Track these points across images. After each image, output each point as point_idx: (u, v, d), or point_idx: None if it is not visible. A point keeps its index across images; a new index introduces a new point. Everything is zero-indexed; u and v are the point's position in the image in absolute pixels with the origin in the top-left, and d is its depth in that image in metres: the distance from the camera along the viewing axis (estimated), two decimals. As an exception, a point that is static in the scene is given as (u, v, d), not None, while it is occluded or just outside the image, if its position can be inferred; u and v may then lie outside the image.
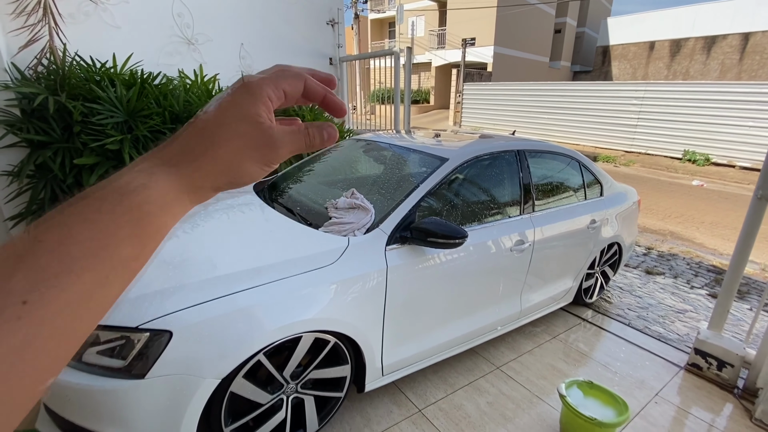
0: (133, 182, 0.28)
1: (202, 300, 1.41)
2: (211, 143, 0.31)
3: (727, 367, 2.39)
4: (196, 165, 0.30)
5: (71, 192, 2.97)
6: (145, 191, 0.28)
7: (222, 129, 0.31)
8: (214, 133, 0.31)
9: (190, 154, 0.31)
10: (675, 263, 4.48)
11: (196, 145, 0.31)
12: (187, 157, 0.30)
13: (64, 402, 1.36)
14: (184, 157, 0.30)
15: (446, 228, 1.77)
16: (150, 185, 0.28)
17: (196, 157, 0.31)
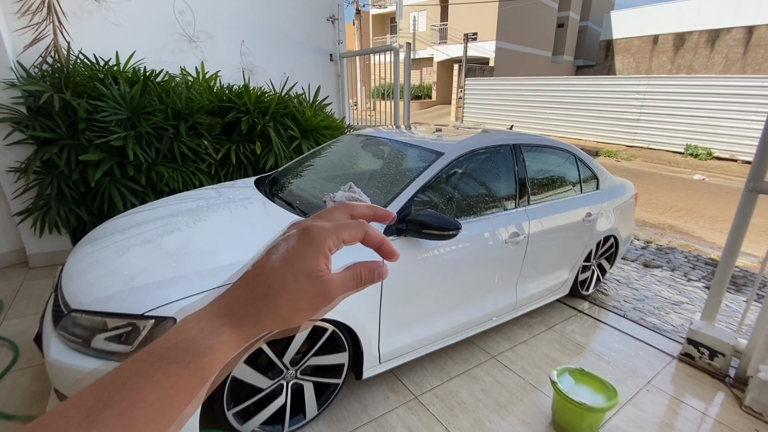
0: (202, 343, 0.30)
1: (204, 289, 1.47)
2: (274, 303, 0.32)
3: (718, 357, 2.44)
4: (258, 320, 0.32)
5: (77, 188, 3.05)
6: (212, 353, 0.29)
7: (285, 288, 0.33)
8: (277, 293, 0.32)
9: (255, 314, 0.32)
10: (673, 256, 4.52)
11: (261, 303, 0.32)
12: (251, 317, 0.32)
13: (75, 386, 1.43)
14: (249, 317, 0.32)
15: (441, 220, 1.83)
16: (217, 346, 0.30)
17: (259, 316, 0.32)
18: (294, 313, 0.33)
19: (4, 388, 2.01)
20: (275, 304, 0.32)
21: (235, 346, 0.31)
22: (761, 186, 2.29)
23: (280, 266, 0.33)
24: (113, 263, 1.67)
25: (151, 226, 1.97)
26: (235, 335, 0.31)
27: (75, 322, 1.46)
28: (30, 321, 2.58)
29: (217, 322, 0.31)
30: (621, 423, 2.01)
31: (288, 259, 0.33)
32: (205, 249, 1.75)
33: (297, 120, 3.93)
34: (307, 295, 0.33)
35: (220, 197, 2.36)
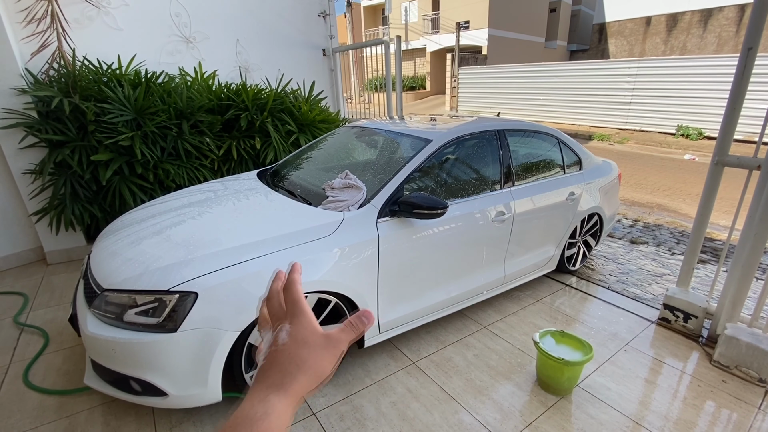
0: (258, 412, 0.37)
1: (221, 266, 1.67)
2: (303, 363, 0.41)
3: (692, 319, 2.65)
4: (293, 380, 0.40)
5: (89, 187, 3.22)
6: (267, 418, 0.36)
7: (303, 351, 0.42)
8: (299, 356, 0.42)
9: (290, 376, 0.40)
10: (659, 233, 4.72)
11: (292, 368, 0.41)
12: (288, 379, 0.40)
13: (111, 355, 1.63)
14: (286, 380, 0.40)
15: (429, 201, 2.02)
16: (269, 412, 0.37)
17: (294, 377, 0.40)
18: (319, 362, 0.42)
19: (39, 369, 2.22)
20: (303, 362, 0.41)
21: (286, 407, 0.38)
22: (726, 159, 2.47)
23: (290, 340, 0.43)
24: (137, 248, 1.86)
25: (168, 216, 2.16)
26: (280, 398, 0.38)
27: (108, 300, 1.66)
28: (54, 311, 2.78)
29: (263, 393, 0.39)
30: (599, 378, 2.22)
31: (293, 334, 0.43)
32: (223, 232, 1.94)
33: (294, 115, 4.10)
34: (322, 347, 0.43)
35: (227, 189, 2.55)
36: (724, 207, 5.39)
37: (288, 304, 0.47)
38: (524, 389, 2.13)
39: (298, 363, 0.41)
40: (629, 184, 6.94)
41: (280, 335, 0.44)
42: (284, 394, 0.39)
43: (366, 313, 0.46)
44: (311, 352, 0.42)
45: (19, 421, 1.89)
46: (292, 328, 0.44)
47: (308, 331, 0.44)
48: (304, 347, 0.42)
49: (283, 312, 0.47)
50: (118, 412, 1.93)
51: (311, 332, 0.44)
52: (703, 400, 2.10)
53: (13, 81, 3.10)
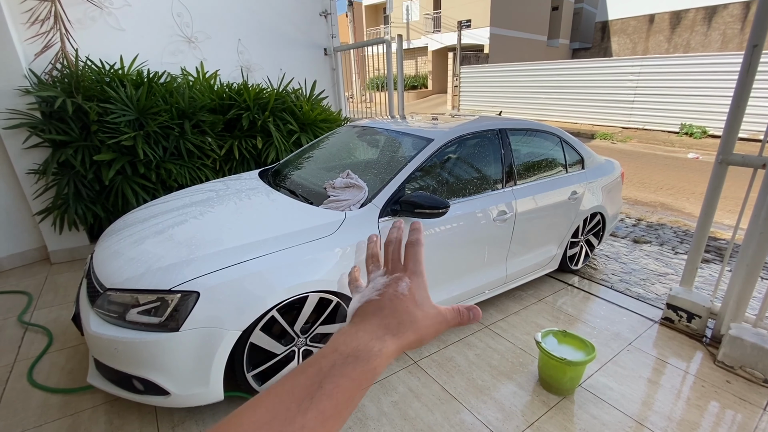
0: (374, 347, 0.38)
1: (223, 266, 1.67)
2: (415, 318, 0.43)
3: (695, 319, 2.63)
4: (405, 331, 0.41)
5: (92, 187, 3.24)
6: (380, 355, 0.38)
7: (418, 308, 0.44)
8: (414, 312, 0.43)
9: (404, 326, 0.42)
10: (662, 232, 4.69)
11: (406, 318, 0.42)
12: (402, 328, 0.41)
13: (113, 355, 1.64)
14: (401, 329, 0.41)
15: (430, 200, 2.01)
16: (383, 350, 0.38)
17: (406, 328, 0.41)
18: (426, 327, 0.43)
19: (44, 367, 2.23)
20: (416, 319, 0.42)
21: (393, 351, 0.40)
22: (730, 158, 2.45)
23: (409, 294, 0.44)
24: (139, 248, 1.87)
25: (170, 215, 2.16)
26: (393, 343, 0.40)
27: (110, 300, 1.66)
28: (58, 310, 2.80)
29: (381, 332, 0.40)
30: (602, 378, 2.22)
31: (412, 290, 0.44)
32: (225, 231, 1.94)
33: (295, 114, 4.10)
34: (432, 316, 0.44)
35: (229, 189, 2.55)
36: (728, 206, 5.36)
37: (410, 260, 0.47)
38: (526, 389, 2.12)
39: (413, 320, 0.42)
40: (632, 183, 6.90)
41: (400, 284, 0.45)
42: (396, 341, 0.40)
43: (475, 309, 0.48)
44: (425, 315, 0.43)
45: (24, 419, 1.90)
46: (413, 284, 0.45)
47: (424, 294, 0.45)
48: (420, 308, 0.44)
49: (400, 264, 0.48)
50: (121, 411, 1.94)
51: (426, 297, 0.45)
52: (707, 401, 2.09)
53: (17, 81, 3.12)
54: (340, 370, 0.35)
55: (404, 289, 0.44)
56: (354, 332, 0.39)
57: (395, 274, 0.47)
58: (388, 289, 0.44)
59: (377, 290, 0.45)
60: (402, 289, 0.44)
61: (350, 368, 0.36)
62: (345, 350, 0.37)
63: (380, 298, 0.44)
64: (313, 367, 0.35)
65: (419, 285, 0.45)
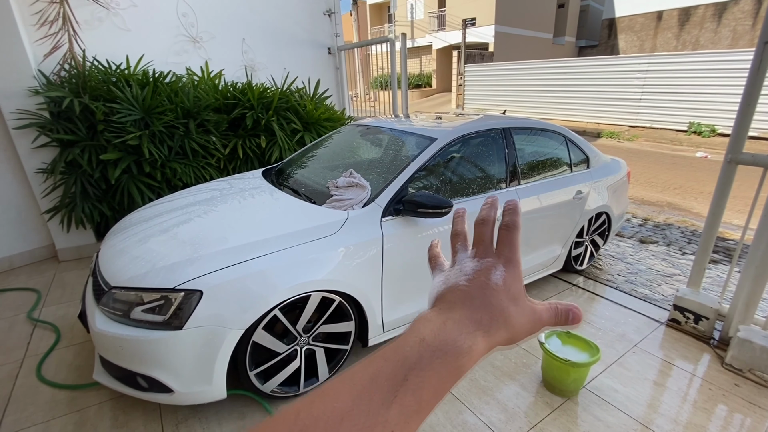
0: (464, 343, 0.34)
1: (225, 265, 1.68)
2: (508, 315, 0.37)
3: (703, 320, 2.60)
4: (498, 329, 0.36)
5: (99, 186, 3.27)
6: (469, 353, 0.34)
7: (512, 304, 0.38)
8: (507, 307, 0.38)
9: (497, 323, 0.36)
10: (669, 232, 4.64)
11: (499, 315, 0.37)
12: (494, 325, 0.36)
13: (118, 352, 1.65)
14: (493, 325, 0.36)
15: (433, 199, 2.01)
16: (473, 348, 0.34)
17: (499, 326, 0.36)
18: (520, 327, 0.38)
19: (51, 364, 2.26)
20: (509, 315, 0.37)
21: (483, 350, 0.35)
22: (739, 157, 2.42)
23: (503, 286, 0.38)
24: (144, 246, 1.88)
25: (174, 214, 2.18)
26: (484, 341, 0.35)
27: (115, 298, 1.68)
28: (66, 307, 2.83)
29: (471, 327, 0.35)
30: (607, 380, 2.20)
31: (506, 281, 0.38)
32: (228, 230, 1.95)
33: (299, 113, 4.11)
34: (527, 314, 0.38)
35: (232, 188, 2.57)
36: (737, 206, 5.28)
37: (505, 245, 0.41)
38: (529, 390, 2.11)
39: (506, 317, 0.37)
40: (639, 183, 6.84)
41: (494, 273, 0.39)
42: (487, 338, 0.36)
43: (575, 311, 0.42)
44: (519, 312, 0.38)
45: (33, 414, 1.93)
46: (507, 274, 0.39)
47: (519, 287, 0.40)
48: (514, 304, 0.38)
49: (492, 248, 0.42)
50: (126, 408, 1.96)
51: (521, 291, 0.40)
52: (715, 404, 2.06)
53: (26, 82, 3.15)
54: (427, 363, 0.31)
55: (498, 278, 0.39)
56: (442, 323, 0.35)
57: (487, 259, 0.40)
58: (480, 276, 0.39)
59: (466, 275, 0.39)
60: (496, 278, 0.38)
61: (438, 363, 0.32)
62: (433, 342, 0.33)
63: (469, 285, 0.38)
64: (397, 355, 0.32)
65: (515, 276, 0.40)
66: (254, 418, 1.88)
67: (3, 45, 3.05)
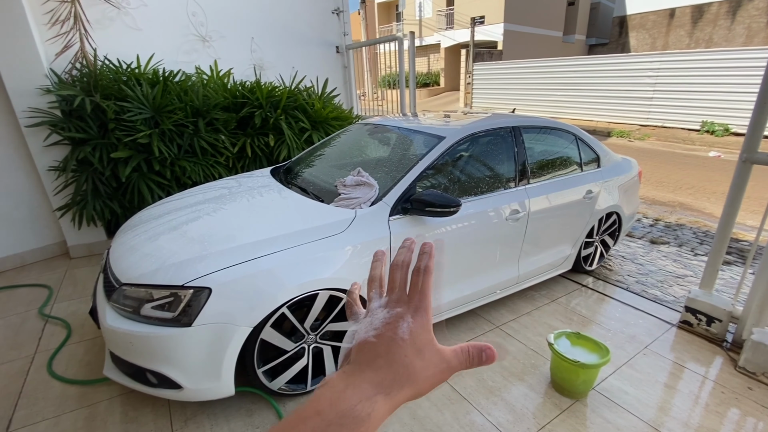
0: (363, 411, 0.33)
1: (234, 263, 1.69)
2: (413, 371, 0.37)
3: (715, 323, 2.56)
4: (401, 388, 0.36)
5: (109, 184, 3.30)
6: (368, 420, 0.33)
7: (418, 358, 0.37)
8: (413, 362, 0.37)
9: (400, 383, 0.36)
10: (681, 233, 4.57)
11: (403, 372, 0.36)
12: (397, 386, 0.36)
13: (128, 348, 1.67)
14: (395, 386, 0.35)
15: (442, 198, 2.00)
16: (372, 415, 0.33)
17: (402, 385, 0.36)
18: (425, 380, 0.37)
19: (62, 359, 2.30)
20: (414, 372, 0.36)
21: (385, 413, 0.34)
22: (755, 157, 2.37)
23: (409, 339, 0.37)
24: (154, 244, 1.90)
25: (184, 212, 2.20)
26: (385, 403, 0.34)
27: (125, 294, 1.69)
28: (77, 303, 2.87)
29: (372, 391, 0.34)
30: (616, 382, 2.17)
31: (413, 333, 0.38)
32: (237, 228, 1.96)
33: (307, 112, 4.11)
34: (434, 364, 0.38)
35: (241, 186, 2.58)
36: (751, 206, 5.18)
37: (416, 291, 0.41)
38: (537, 391, 2.09)
39: (410, 373, 0.36)
40: (650, 182, 6.74)
41: (401, 325, 0.38)
42: (388, 401, 0.35)
43: (489, 350, 0.40)
44: (425, 366, 0.37)
45: (44, 409, 1.96)
46: (414, 325, 0.38)
47: (427, 338, 0.39)
48: (420, 357, 0.37)
49: (405, 295, 0.41)
50: (136, 403, 1.98)
51: (429, 342, 0.39)
52: (727, 408, 2.03)
53: (38, 81, 3.20)
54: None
55: (405, 332, 0.38)
56: (342, 390, 0.34)
57: (397, 310, 0.40)
58: (387, 331, 0.38)
59: (375, 329, 0.39)
60: (402, 331, 0.38)
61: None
62: (329, 415, 0.32)
63: (376, 341, 0.37)
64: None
65: (422, 325, 0.39)
66: (262, 416, 1.89)
67: (15, 44, 3.09)
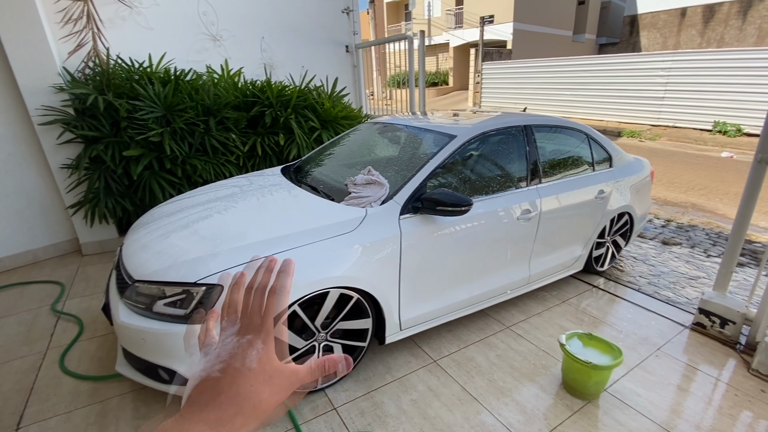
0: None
1: (246, 260, 1.69)
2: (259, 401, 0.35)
3: (729, 325, 2.52)
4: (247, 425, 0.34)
5: (121, 181, 3.34)
6: None
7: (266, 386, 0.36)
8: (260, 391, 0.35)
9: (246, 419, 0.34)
10: (694, 234, 4.51)
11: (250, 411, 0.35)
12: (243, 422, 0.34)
13: (141, 344, 1.68)
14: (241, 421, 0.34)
15: (453, 197, 1.99)
16: None
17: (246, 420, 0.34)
18: (272, 405, 0.36)
19: (74, 355, 2.32)
20: (260, 402, 0.35)
21: None
22: (771, 157, 2.33)
23: (258, 368, 0.36)
24: (166, 241, 1.91)
25: (195, 210, 2.21)
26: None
27: (138, 291, 1.71)
28: (89, 300, 2.90)
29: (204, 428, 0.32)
30: (629, 384, 2.14)
31: (262, 361, 0.37)
32: (248, 226, 1.97)
33: (316, 111, 4.12)
34: (283, 384, 0.37)
35: (252, 185, 2.59)
36: (764, 207, 5.10)
37: (269, 315, 0.39)
38: (549, 392, 2.07)
39: (256, 404, 0.35)
40: (662, 183, 6.66)
41: (250, 354, 0.37)
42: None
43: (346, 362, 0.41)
44: (273, 392, 0.36)
45: (56, 405, 1.98)
46: (264, 352, 0.37)
47: (275, 363, 0.37)
48: (269, 384, 0.36)
49: (259, 319, 0.39)
50: (148, 399, 1.99)
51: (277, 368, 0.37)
52: (740, 410, 1.99)
53: (51, 79, 3.24)
54: None
55: (253, 360, 0.36)
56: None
57: (247, 337, 0.38)
58: (234, 362, 0.36)
59: (222, 362, 0.36)
60: (250, 360, 0.36)
61: None
62: None
63: (221, 375, 0.35)
64: None
65: (271, 351, 0.38)
66: (272, 413, 1.90)
67: (28, 42, 3.13)
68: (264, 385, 0.36)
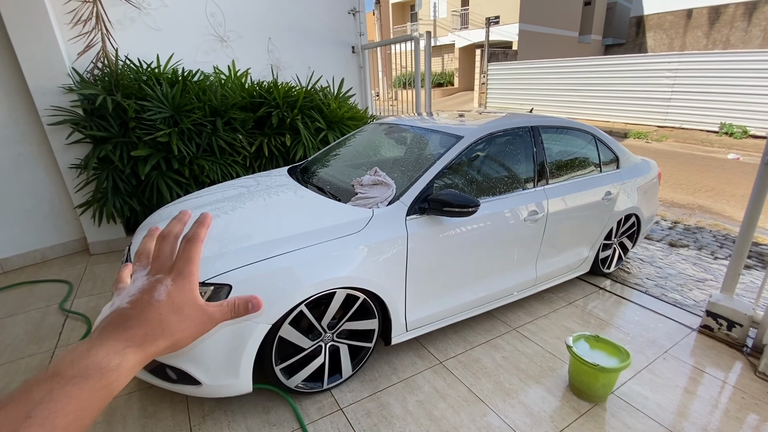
0: (110, 363, 0.35)
1: (253, 260, 1.70)
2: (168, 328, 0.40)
3: (736, 327, 2.50)
4: (154, 342, 0.39)
5: (129, 181, 3.36)
6: (118, 370, 0.35)
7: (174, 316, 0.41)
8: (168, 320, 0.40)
9: (152, 337, 0.39)
10: (701, 236, 4.48)
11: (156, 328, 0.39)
12: (149, 340, 0.39)
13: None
14: (147, 340, 0.39)
15: (460, 198, 1.99)
16: (122, 365, 0.36)
17: (155, 339, 0.39)
18: (182, 332, 0.41)
19: (83, 353, 2.34)
20: (168, 326, 0.40)
21: (137, 364, 0.38)
22: (780, 159, 2.31)
23: (166, 300, 0.41)
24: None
25: (202, 210, 2.22)
26: (136, 355, 0.37)
27: (147, 290, 1.72)
28: (96, 299, 2.92)
29: (120, 345, 0.37)
30: (636, 386, 2.13)
31: (171, 295, 0.41)
32: (255, 227, 1.98)
33: (323, 112, 4.13)
34: (194, 321, 0.42)
35: (259, 185, 2.60)
36: (772, 210, 5.05)
37: (180, 259, 0.44)
38: (555, 394, 2.07)
39: (164, 328, 0.40)
40: (668, 184, 6.62)
41: (158, 289, 0.41)
42: (141, 352, 0.38)
43: (255, 301, 0.45)
44: (182, 322, 0.41)
45: (65, 402, 1.99)
46: (173, 288, 0.42)
47: (187, 298, 0.42)
48: (177, 314, 0.41)
49: (170, 262, 0.44)
50: (155, 399, 2.01)
51: (189, 301, 0.42)
52: (747, 413, 1.98)
53: (61, 80, 3.27)
54: (59, 393, 0.32)
55: (161, 294, 0.41)
56: (86, 350, 0.35)
57: (156, 276, 0.43)
58: (143, 296, 0.41)
59: (130, 296, 0.41)
60: (159, 294, 0.41)
61: (76, 389, 0.32)
62: (68, 372, 0.33)
63: (129, 306, 0.40)
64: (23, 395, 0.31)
65: (182, 287, 0.42)
66: (278, 413, 1.91)
67: (38, 43, 3.16)
68: (172, 315, 0.40)
